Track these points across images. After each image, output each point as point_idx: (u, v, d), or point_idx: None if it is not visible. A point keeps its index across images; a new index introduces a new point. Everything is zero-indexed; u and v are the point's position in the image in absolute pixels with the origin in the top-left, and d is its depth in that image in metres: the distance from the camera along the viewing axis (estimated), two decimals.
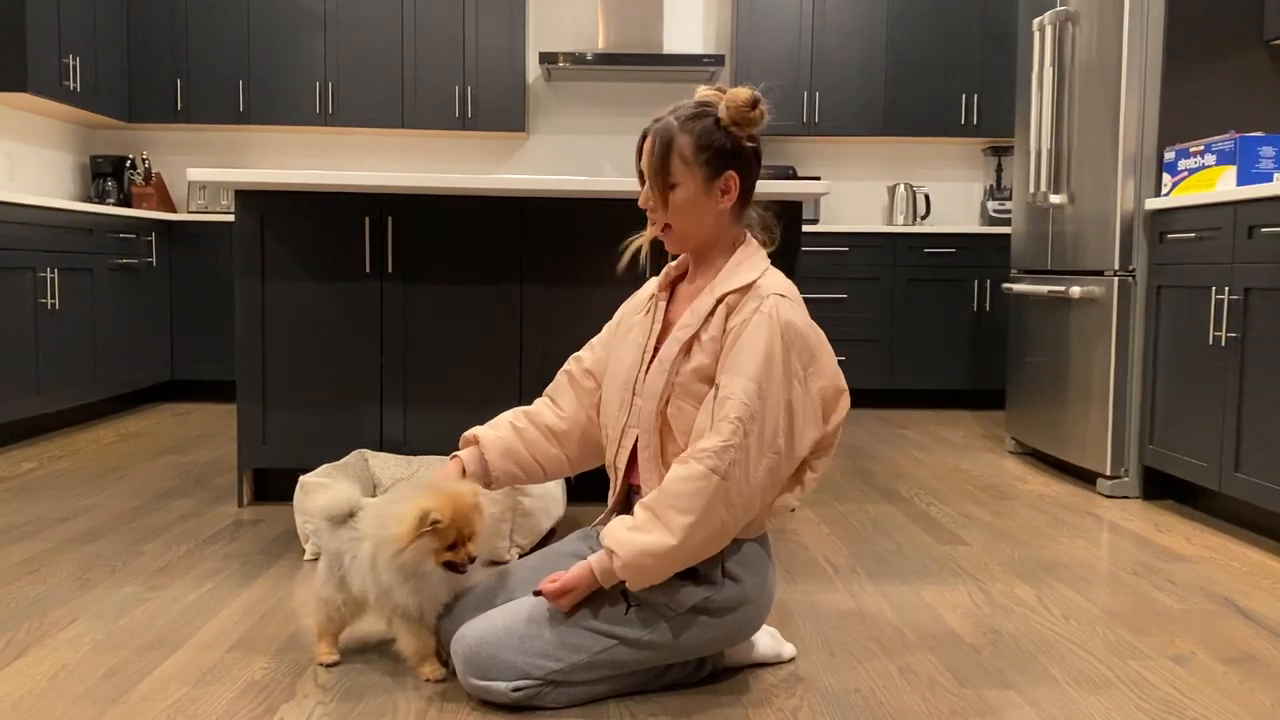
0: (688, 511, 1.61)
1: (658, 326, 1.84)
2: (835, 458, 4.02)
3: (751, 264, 1.77)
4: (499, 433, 1.94)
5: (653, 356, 1.81)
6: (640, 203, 1.79)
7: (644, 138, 1.78)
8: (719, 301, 1.74)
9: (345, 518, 1.84)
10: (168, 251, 5.23)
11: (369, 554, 1.75)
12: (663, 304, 1.87)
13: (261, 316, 3.03)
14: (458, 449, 1.95)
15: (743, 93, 1.74)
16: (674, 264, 1.92)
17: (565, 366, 2.02)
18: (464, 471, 1.89)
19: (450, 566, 1.72)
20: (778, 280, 1.75)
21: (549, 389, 2.03)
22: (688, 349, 1.74)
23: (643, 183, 1.81)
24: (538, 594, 1.71)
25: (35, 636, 1.99)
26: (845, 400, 1.76)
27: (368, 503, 1.87)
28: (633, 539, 1.64)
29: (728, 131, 1.75)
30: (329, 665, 1.86)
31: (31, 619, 2.08)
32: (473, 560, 1.74)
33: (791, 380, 1.67)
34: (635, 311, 1.94)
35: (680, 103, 1.79)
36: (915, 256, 5.38)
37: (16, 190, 5.01)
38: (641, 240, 1.92)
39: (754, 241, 1.83)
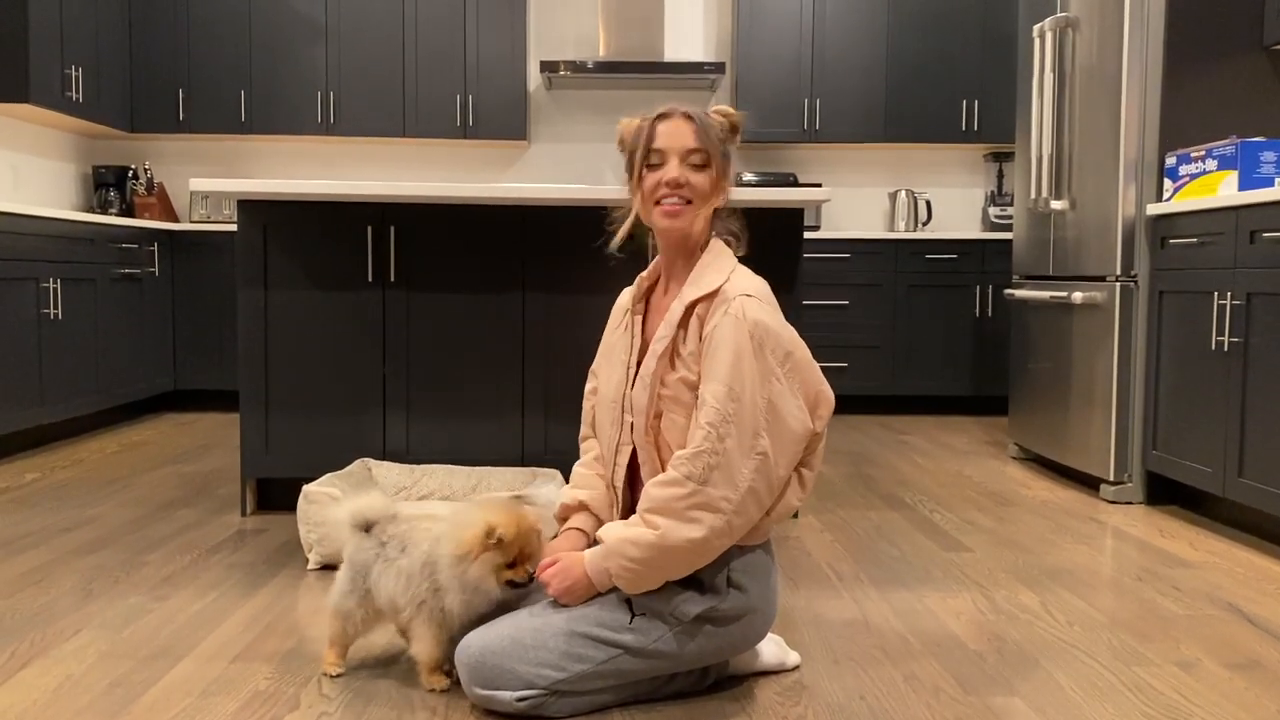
0: (667, 515, 1.64)
1: (638, 341, 1.86)
2: (838, 464, 4.01)
3: (717, 267, 1.78)
4: (595, 491, 1.91)
5: (636, 372, 1.81)
6: (670, 179, 1.75)
7: (658, 120, 1.79)
8: (689, 311, 1.75)
9: (370, 525, 1.84)
10: (170, 261, 5.24)
11: (420, 558, 1.76)
12: (639, 318, 1.88)
13: (264, 326, 3.03)
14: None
15: (732, 109, 1.86)
16: (645, 274, 1.93)
17: (586, 399, 2.03)
18: (589, 540, 1.87)
19: (512, 584, 1.73)
20: (745, 281, 1.75)
21: (585, 422, 2.03)
22: (670, 361, 1.75)
23: (634, 171, 1.81)
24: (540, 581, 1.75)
25: (40, 648, 1.99)
26: (826, 399, 1.76)
27: (401, 512, 1.88)
28: (619, 528, 1.68)
29: (726, 137, 1.83)
30: (334, 676, 1.86)
31: (36, 630, 2.08)
32: (532, 578, 1.75)
33: (769, 378, 1.67)
34: (614, 329, 1.95)
35: (679, 103, 1.83)
36: (917, 263, 5.38)
37: (19, 201, 5.02)
38: (625, 227, 1.91)
39: (718, 243, 1.83)
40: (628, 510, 1.87)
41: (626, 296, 1.97)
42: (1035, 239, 4.04)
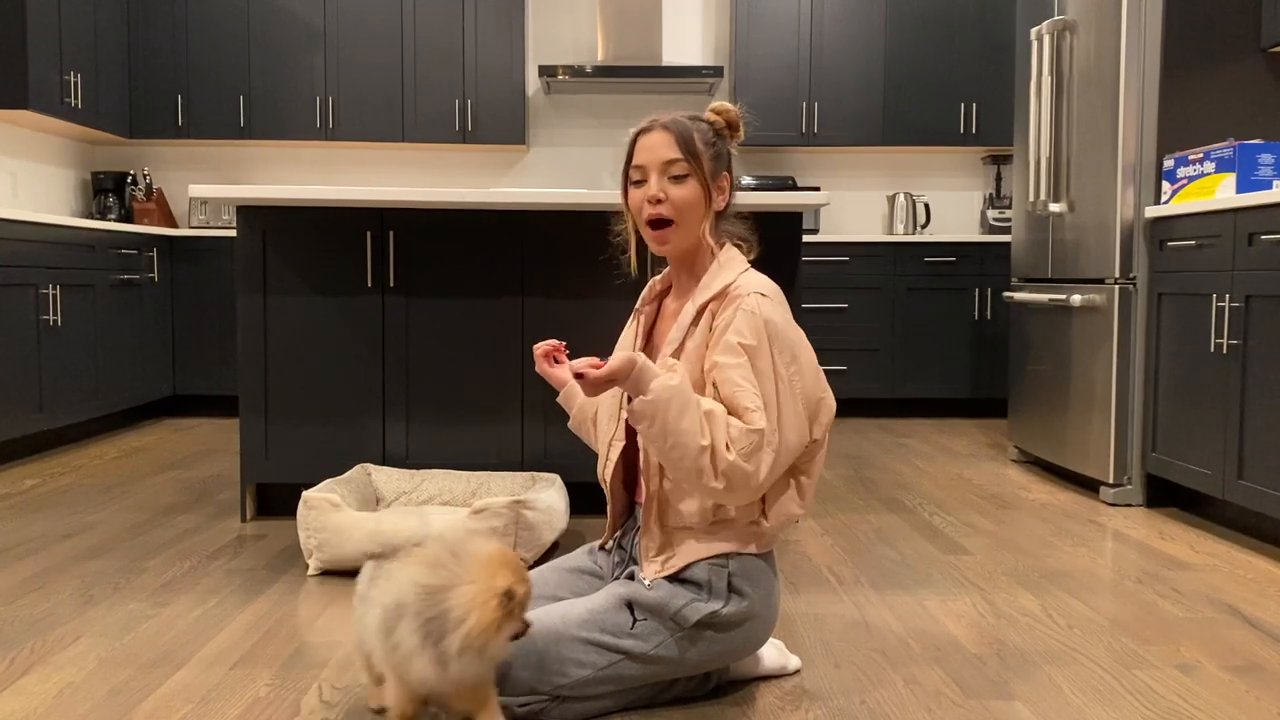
0: (740, 456, 1.59)
1: (641, 340, 1.87)
2: (837, 468, 4.01)
3: (730, 268, 1.79)
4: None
5: None
6: (650, 195, 1.75)
7: (638, 135, 1.79)
8: (701, 311, 1.75)
9: (377, 556, 1.64)
10: (169, 267, 5.24)
11: (379, 621, 1.56)
12: (644, 317, 1.89)
13: (264, 331, 3.03)
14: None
15: (725, 103, 1.85)
16: (659, 278, 1.93)
17: None
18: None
19: (515, 636, 1.57)
20: (757, 279, 1.76)
21: None
22: (677, 359, 1.75)
23: (629, 184, 1.82)
24: (578, 376, 1.57)
25: (39, 654, 1.99)
26: (827, 407, 1.76)
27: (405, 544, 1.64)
28: (686, 398, 1.58)
29: (722, 136, 1.82)
30: (378, 711, 1.72)
31: (35, 637, 2.08)
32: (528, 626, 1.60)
33: (775, 378, 1.67)
34: (627, 330, 1.96)
35: (664, 112, 1.82)
36: (916, 265, 5.38)
37: (19, 207, 5.02)
38: (630, 243, 1.92)
39: (731, 247, 1.84)
40: (620, 511, 1.88)
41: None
42: (1034, 241, 4.04)
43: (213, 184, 4.51)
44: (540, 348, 1.94)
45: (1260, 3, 3.32)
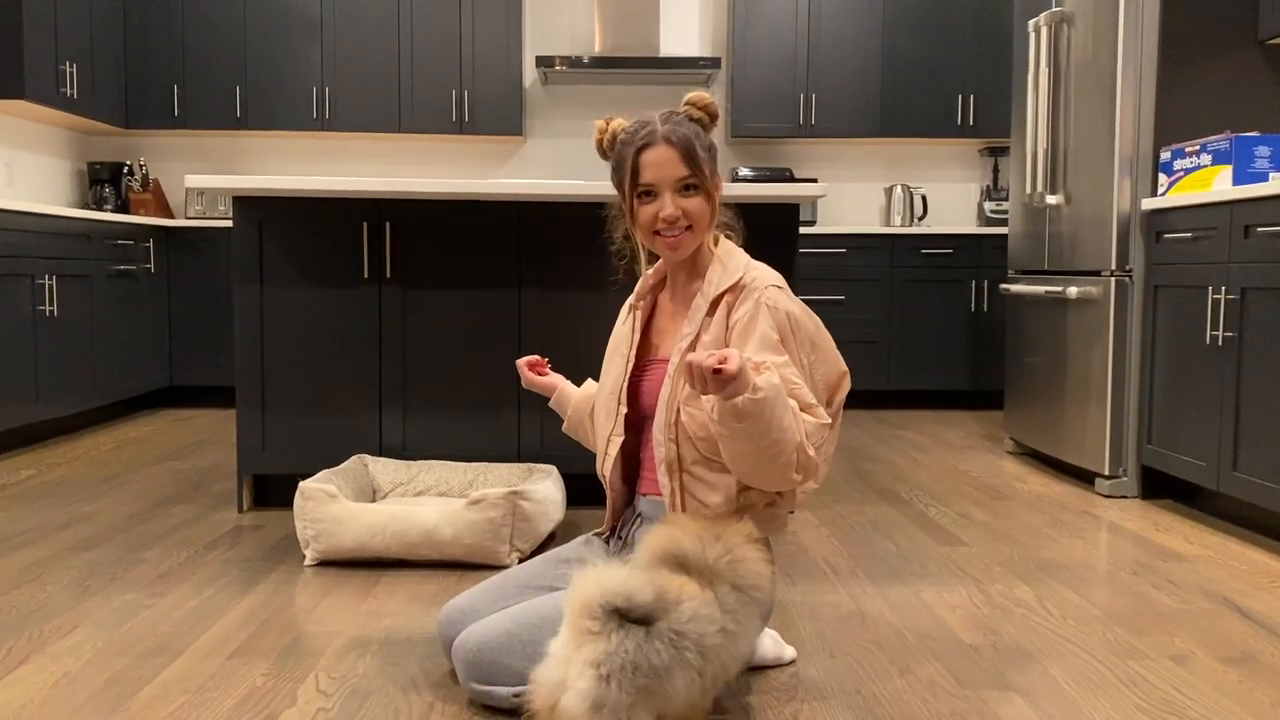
0: (814, 440, 1.64)
1: (638, 336, 1.87)
2: (834, 460, 4.02)
3: (734, 261, 1.79)
4: (585, 391, 2.04)
5: (635, 365, 1.83)
6: (668, 216, 1.73)
7: (640, 150, 1.76)
8: (714, 304, 1.75)
9: (650, 619, 1.40)
10: (166, 258, 5.23)
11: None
12: (639, 314, 1.88)
13: (260, 322, 3.03)
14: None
15: (702, 93, 1.83)
16: (650, 272, 1.93)
17: None
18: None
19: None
20: (766, 272, 1.77)
21: None
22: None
23: (625, 198, 1.80)
24: (715, 372, 1.47)
25: (36, 644, 1.99)
26: (846, 381, 1.81)
27: (672, 589, 1.47)
28: (786, 396, 1.57)
29: (706, 129, 1.81)
30: None
31: (32, 627, 2.09)
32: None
33: (799, 369, 1.70)
34: (621, 324, 1.96)
35: (648, 116, 1.80)
36: (913, 257, 5.38)
37: (14, 197, 5.01)
38: (640, 252, 1.93)
39: (727, 241, 1.84)
40: (619, 505, 1.88)
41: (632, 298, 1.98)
42: (1030, 234, 4.04)
43: (209, 174, 4.50)
44: (523, 362, 1.98)
45: None
